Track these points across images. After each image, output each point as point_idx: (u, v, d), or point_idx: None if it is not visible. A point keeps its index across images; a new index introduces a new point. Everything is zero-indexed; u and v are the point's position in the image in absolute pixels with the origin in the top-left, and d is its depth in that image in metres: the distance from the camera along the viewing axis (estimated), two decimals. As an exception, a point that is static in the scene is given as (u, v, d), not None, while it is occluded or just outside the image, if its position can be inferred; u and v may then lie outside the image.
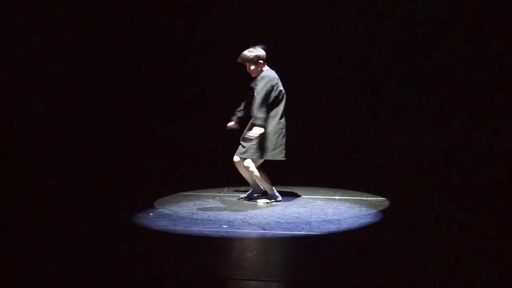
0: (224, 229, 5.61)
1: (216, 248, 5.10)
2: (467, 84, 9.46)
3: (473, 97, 9.42)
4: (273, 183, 6.85)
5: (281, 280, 4.40)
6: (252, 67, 6.71)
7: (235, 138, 6.84)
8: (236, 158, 6.80)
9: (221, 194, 7.25)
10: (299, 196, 7.14)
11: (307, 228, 5.64)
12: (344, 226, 5.75)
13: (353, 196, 7.10)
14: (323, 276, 4.41)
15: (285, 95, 6.73)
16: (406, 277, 4.35)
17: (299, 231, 5.56)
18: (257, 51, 6.70)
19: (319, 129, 9.78)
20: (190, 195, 7.23)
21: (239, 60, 6.75)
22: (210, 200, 6.97)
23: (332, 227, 5.68)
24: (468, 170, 8.58)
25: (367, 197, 7.06)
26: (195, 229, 5.65)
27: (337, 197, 7.05)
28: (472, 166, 8.74)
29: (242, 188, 7.32)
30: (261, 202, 6.80)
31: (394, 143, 9.47)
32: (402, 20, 9.58)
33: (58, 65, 9.88)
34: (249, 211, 6.39)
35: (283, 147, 6.69)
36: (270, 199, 6.82)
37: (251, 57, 6.69)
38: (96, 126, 9.99)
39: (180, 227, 5.71)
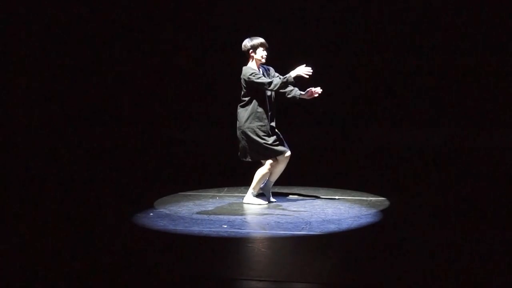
0: (224, 229, 5.61)
1: (216, 248, 5.10)
2: (466, 83, 9.46)
3: (473, 97, 9.42)
4: (273, 182, 6.83)
5: (281, 280, 4.40)
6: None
7: (234, 138, 6.82)
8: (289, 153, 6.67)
9: (221, 194, 7.25)
10: (299, 196, 7.13)
11: (307, 228, 5.64)
12: (344, 226, 5.74)
13: (353, 196, 7.09)
14: (323, 276, 4.41)
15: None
16: (406, 277, 4.35)
17: (299, 231, 5.56)
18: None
19: (319, 129, 9.77)
20: (190, 195, 7.23)
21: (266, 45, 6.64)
22: (210, 200, 6.97)
23: (332, 227, 5.68)
24: (468, 170, 8.57)
25: (367, 197, 7.06)
26: (195, 229, 5.65)
27: (337, 197, 7.05)
28: (472, 166, 8.74)
29: (242, 188, 7.31)
30: (248, 199, 6.68)
31: (394, 143, 9.47)
32: (400, 18, 9.59)
33: (56, 63, 9.89)
34: (249, 211, 6.39)
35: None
36: (252, 200, 6.70)
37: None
38: (96, 126, 9.99)
39: (180, 227, 5.71)
